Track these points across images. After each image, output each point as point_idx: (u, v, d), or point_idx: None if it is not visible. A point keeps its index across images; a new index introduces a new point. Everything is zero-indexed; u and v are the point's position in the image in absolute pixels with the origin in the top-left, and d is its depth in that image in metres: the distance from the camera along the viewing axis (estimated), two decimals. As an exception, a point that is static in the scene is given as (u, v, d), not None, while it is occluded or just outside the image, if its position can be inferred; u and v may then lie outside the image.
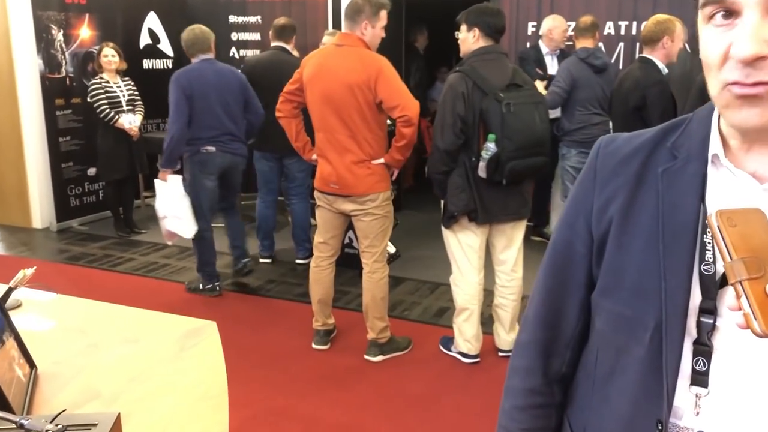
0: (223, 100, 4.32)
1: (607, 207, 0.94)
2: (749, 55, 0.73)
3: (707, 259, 0.84)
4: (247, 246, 4.88)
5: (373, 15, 3.38)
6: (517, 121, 3.18)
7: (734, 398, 0.85)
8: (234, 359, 3.56)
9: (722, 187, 0.86)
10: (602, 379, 0.97)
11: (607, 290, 0.94)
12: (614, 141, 0.98)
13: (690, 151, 0.89)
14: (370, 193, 3.45)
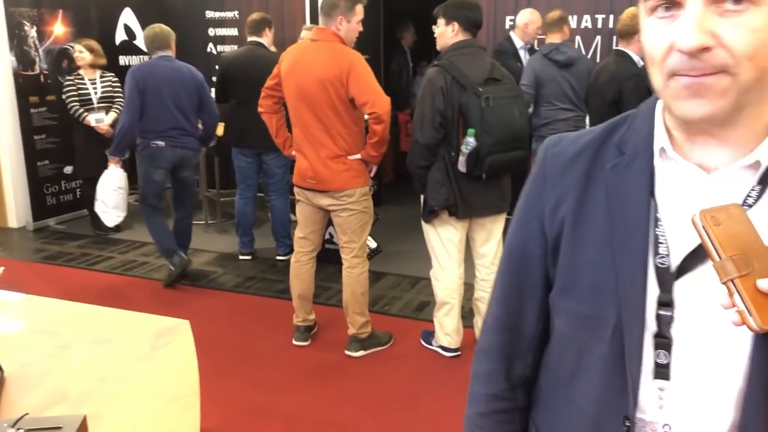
0: (176, 96, 4.47)
1: (558, 207, 0.94)
2: (694, 46, 0.74)
3: (661, 252, 0.85)
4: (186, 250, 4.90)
5: (348, 10, 3.36)
6: (496, 116, 3.18)
7: (696, 388, 0.85)
8: (213, 357, 3.55)
9: (670, 179, 0.87)
10: (566, 379, 0.97)
11: (564, 290, 0.94)
12: (561, 141, 0.98)
13: (636, 146, 0.89)
14: (347, 188, 3.44)
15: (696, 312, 0.85)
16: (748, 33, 0.74)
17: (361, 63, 3.33)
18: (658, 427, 0.88)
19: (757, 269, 0.78)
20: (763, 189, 0.82)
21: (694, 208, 0.81)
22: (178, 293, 4.61)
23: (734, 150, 0.82)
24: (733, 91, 0.76)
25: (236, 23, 6.87)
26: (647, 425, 0.89)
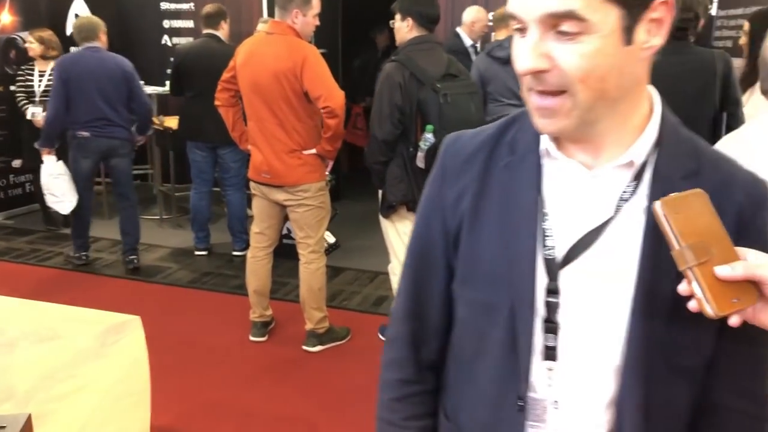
0: (101, 87, 4.51)
1: (458, 202, 1.00)
2: (526, 68, 0.83)
3: (548, 245, 0.93)
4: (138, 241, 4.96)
5: (305, 3, 3.33)
6: (454, 112, 3.20)
7: (580, 367, 0.93)
8: (168, 354, 3.50)
9: (556, 177, 0.94)
10: (468, 362, 1.03)
11: (464, 280, 1.01)
12: (459, 139, 1.04)
13: (526, 145, 0.96)
14: (302, 183, 3.42)
15: (579, 298, 0.92)
16: (579, 57, 0.81)
17: (315, 56, 3.31)
18: (548, 404, 0.95)
19: (716, 256, 0.80)
20: (637, 185, 0.91)
21: (577, 203, 0.92)
22: (132, 289, 4.53)
23: (611, 151, 0.91)
24: (576, 110, 0.85)
25: (192, 15, 6.77)
26: (538, 403, 0.96)
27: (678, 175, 0.90)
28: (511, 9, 0.86)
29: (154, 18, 6.93)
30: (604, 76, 0.83)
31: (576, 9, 0.79)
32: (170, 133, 5.43)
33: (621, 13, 0.81)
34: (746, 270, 0.80)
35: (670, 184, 0.89)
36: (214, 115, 3.76)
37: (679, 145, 0.93)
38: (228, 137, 3.78)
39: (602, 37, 0.81)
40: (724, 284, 0.80)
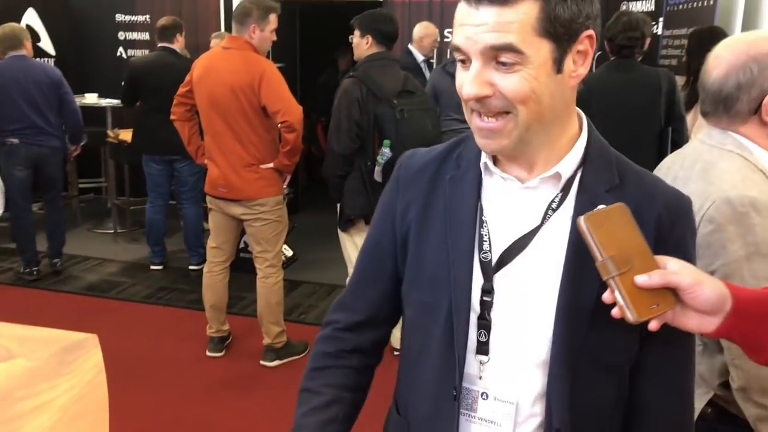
0: (29, 95, 4.51)
1: (407, 210, 1.10)
2: (470, 95, 0.93)
3: (485, 249, 1.02)
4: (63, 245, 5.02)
5: (261, 18, 3.36)
6: (411, 127, 3.26)
7: (509, 361, 1.02)
8: (124, 371, 3.45)
9: (493, 189, 1.04)
10: (414, 360, 1.11)
11: (411, 282, 1.10)
12: (414, 155, 1.15)
13: (469, 160, 1.07)
14: (260, 197, 3.43)
15: (511, 298, 1.01)
16: (516, 83, 0.91)
17: (273, 71, 3.33)
18: (478, 395, 1.04)
19: (636, 266, 0.87)
20: (564, 196, 1.00)
21: (511, 212, 1.02)
22: (86, 306, 4.45)
23: (541, 167, 1.01)
24: (515, 131, 0.95)
25: (147, 27, 6.70)
26: (470, 393, 1.04)
27: (602, 188, 1.00)
28: (456, 42, 0.94)
29: (109, 29, 6.85)
30: (539, 100, 0.93)
31: (513, 42, 0.89)
32: (125, 146, 5.37)
33: (551, 46, 0.91)
34: (662, 278, 0.88)
35: (595, 195, 0.99)
36: (170, 128, 3.74)
37: (603, 162, 1.02)
38: (184, 150, 3.77)
39: (536, 67, 0.91)
40: (643, 292, 0.87)
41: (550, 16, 0.90)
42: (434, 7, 6.11)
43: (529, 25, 0.89)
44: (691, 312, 0.91)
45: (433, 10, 6.10)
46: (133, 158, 5.24)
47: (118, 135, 5.55)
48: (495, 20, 0.89)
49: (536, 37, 0.90)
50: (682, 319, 0.92)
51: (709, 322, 0.91)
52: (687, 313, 0.91)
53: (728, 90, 1.40)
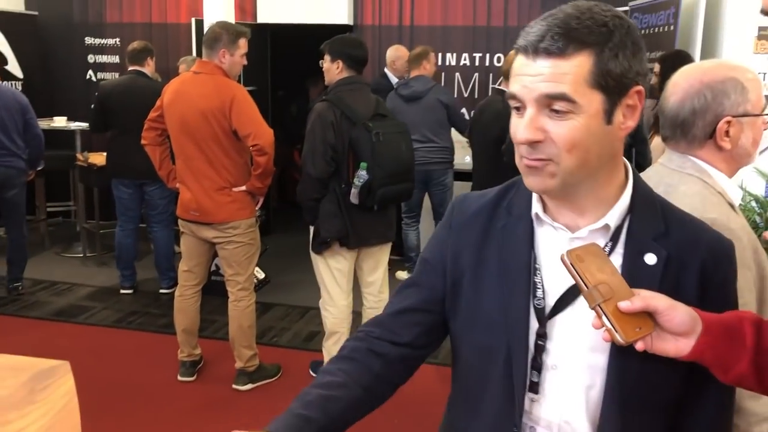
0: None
1: (459, 255, 1.16)
2: (523, 139, 1.00)
3: (538, 296, 1.08)
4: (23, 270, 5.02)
5: (231, 43, 3.39)
6: (387, 150, 3.30)
7: (560, 401, 1.08)
8: (94, 397, 3.41)
9: (545, 237, 1.10)
10: (471, 396, 1.16)
11: (467, 325, 1.15)
12: (466, 199, 1.22)
13: (520, 210, 1.12)
14: (232, 220, 3.43)
15: (564, 342, 1.07)
16: (567, 131, 0.98)
17: (243, 95, 3.36)
18: (526, 428, 1.10)
19: (617, 294, 0.96)
20: (614, 245, 1.06)
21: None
22: (55, 331, 4.38)
23: (590, 215, 1.07)
24: (560, 174, 1.00)
25: (117, 51, 6.70)
26: (524, 427, 1.10)
27: (649, 236, 1.06)
28: (513, 90, 1.01)
29: (78, 52, 6.83)
30: (587, 148, 0.99)
31: (567, 92, 0.96)
32: (94, 170, 5.33)
33: (602, 98, 0.98)
34: (643, 301, 0.96)
35: (642, 244, 1.05)
36: (141, 151, 3.73)
37: (649, 210, 1.08)
38: (155, 174, 3.76)
39: (587, 116, 0.98)
40: (626, 317, 0.95)
41: (603, 70, 0.96)
42: (404, 30, 6.20)
43: (582, 77, 0.96)
44: (667, 336, 0.98)
45: (403, 33, 6.20)
46: (102, 181, 5.21)
47: (88, 158, 5.51)
48: (551, 71, 0.96)
49: (588, 88, 0.97)
50: (660, 344, 0.98)
51: (684, 344, 0.98)
52: (664, 337, 0.98)
53: (684, 115, 1.47)
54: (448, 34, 6.03)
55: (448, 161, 5.17)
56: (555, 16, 0.98)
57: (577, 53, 0.96)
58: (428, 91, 5.02)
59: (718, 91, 1.44)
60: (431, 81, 5.11)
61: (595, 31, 0.96)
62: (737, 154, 1.48)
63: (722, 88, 1.44)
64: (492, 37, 6.03)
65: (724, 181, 1.47)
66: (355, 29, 6.24)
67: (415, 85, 5.02)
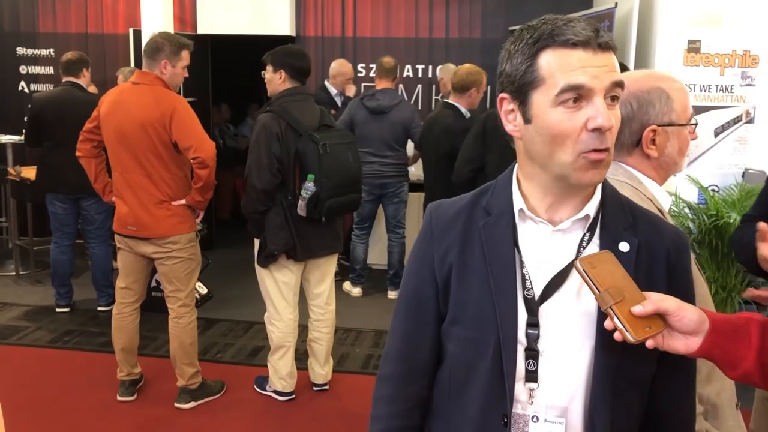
0: None
1: (445, 257, 1.20)
2: (609, 125, 1.04)
3: (527, 287, 1.13)
4: None
5: (174, 54, 3.32)
6: (334, 161, 3.28)
7: (556, 387, 1.13)
8: (27, 422, 3.27)
9: (528, 232, 1.16)
10: (456, 391, 1.20)
11: (455, 321, 1.19)
12: (441, 206, 1.26)
13: (500, 208, 1.18)
14: (171, 235, 3.35)
15: (554, 328, 1.12)
16: (617, 120, 1.07)
17: (184, 107, 3.29)
18: (528, 419, 1.14)
19: (628, 297, 1.03)
20: (590, 236, 1.14)
21: (546, 251, 1.14)
22: (-16, 353, 4.19)
23: (572, 207, 1.14)
24: (608, 162, 1.08)
25: (51, 61, 6.52)
26: (521, 418, 1.14)
27: (620, 227, 1.15)
28: (581, 81, 1.04)
29: (10, 63, 6.60)
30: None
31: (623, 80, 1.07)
32: (28, 184, 5.14)
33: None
34: (654, 305, 1.03)
35: (616, 234, 1.14)
36: (76, 165, 3.62)
37: (617, 203, 1.18)
38: (91, 188, 3.65)
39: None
40: (637, 317, 1.03)
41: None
42: (347, 42, 6.21)
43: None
44: (677, 334, 1.06)
45: (345, 45, 6.20)
46: (36, 196, 5.03)
47: (20, 172, 5.32)
48: (612, 62, 1.06)
49: None
50: (670, 343, 1.06)
51: (693, 342, 1.06)
52: (674, 335, 1.06)
53: None
54: (390, 46, 6.06)
55: (402, 174, 5.19)
56: (581, 19, 1.08)
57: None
58: (393, 107, 5.01)
59: (643, 101, 1.48)
60: (398, 96, 5.14)
61: None
62: (664, 162, 1.53)
63: (647, 98, 1.49)
64: (434, 49, 6.09)
65: (654, 188, 1.52)
66: (297, 40, 6.22)
67: (381, 99, 5.01)
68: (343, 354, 4.26)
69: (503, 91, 1.14)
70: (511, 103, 1.12)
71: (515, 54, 1.10)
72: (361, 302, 5.32)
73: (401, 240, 5.31)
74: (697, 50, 4.45)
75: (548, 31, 1.06)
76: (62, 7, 6.50)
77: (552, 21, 1.07)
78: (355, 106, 5.08)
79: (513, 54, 1.10)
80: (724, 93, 4.48)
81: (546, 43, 1.06)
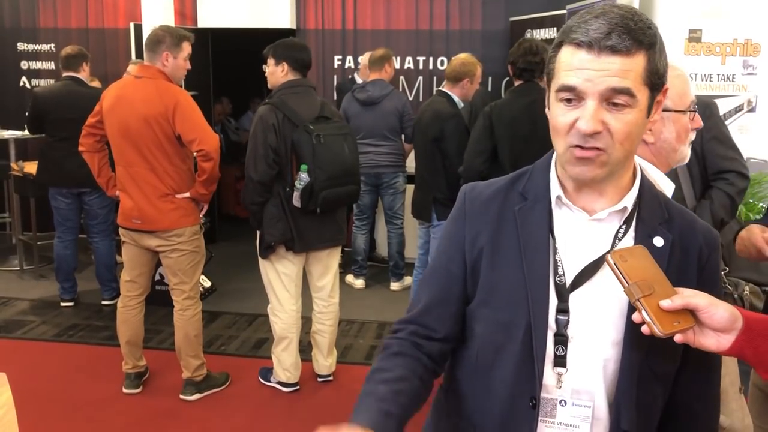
0: None
1: (476, 239, 1.21)
2: (591, 129, 1.05)
3: (559, 273, 1.15)
4: None
5: (175, 46, 3.32)
6: (328, 152, 3.29)
7: (584, 372, 1.15)
8: (35, 413, 3.29)
9: (564, 219, 1.17)
10: (483, 371, 1.21)
11: (484, 302, 1.20)
12: (476, 188, 1.27)
13: (536, 194, 1.20)
14: (176, 228, 3.36)
15: (584, 316, 1.14)
16: (624, 124, 1.05)
17: (187, 100, 3.30)
18: (556, 403, 1.16)
19: (657, 291, 1.03)
20: (627, 228, 1.16)
21: (580, 240, 1.15)
22: (-10, 348, 4.22)
23: (609, 198, 1.15)
24: (610, 164, 1.08)
25: (52, 56, 6.52)
26: (548, 402, 1.16)
27: (656, 222, 1.16)
28: (572, 83, 1.06)
29: (11, 58, 6.60)
30: (634, 140, 1.09)
31: (631, 87, 1.04)
32: (30, 179, 5.16)
33: (649, 94, 1.08)
34: (683, 300, 1.03)
35: (651, 228, 1.16)
36: (78, 159, 3.63)
37: (654, 198, 1.19)
38: (94, 182, 3.66)
39: (638, 111, 1.07)
40: (666, 312, 1.02)
41: (653, 68, 1.06)
42: (347, 34, 6.20)
43: (639, 74, 1.05)
44: (708, 332, 1.05)
45: (346, 37, 6.20)
46: (39, 192, 5.04)
47: (23, 168, 5.32)
48: (618, 67, 1.03)
49: (642, 84, 1.06)
50: (701, 340, 1.06)
51: (725, 340, 1.05)
52: (705, 333, 1.05)
53: None
54: (391, 38, 6.05)
55: (398, 165, 5.19)
56: (611, 15, 1.05)
57: (638, 52, 1.04)
58: (384, 97, 5.02)
59: None
60: (389, 86, 5.12)
61: (647, 33, 1.05)
62: (662, 148, 1.54)
63: None
64: (435, 41, 6.08)
65: (657, 174, 1.53)
66: (297, 33, 6.21)
67: (371, 90, 5.02)
68: (347, 345, 4.28)
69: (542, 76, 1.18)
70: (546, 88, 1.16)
71: (552, 46, 1.13)
72: (364, 294, 5.34)
73: (399, 231, 5.31)
74: (698, 39, 4.45)
75: (570, 26, 1.08)
76: (62, 2, 6.50)
77: (579, 15, 1.09)
78: (347, 99, 5.11)
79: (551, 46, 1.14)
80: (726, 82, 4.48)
81: (563, 38, 1.09)
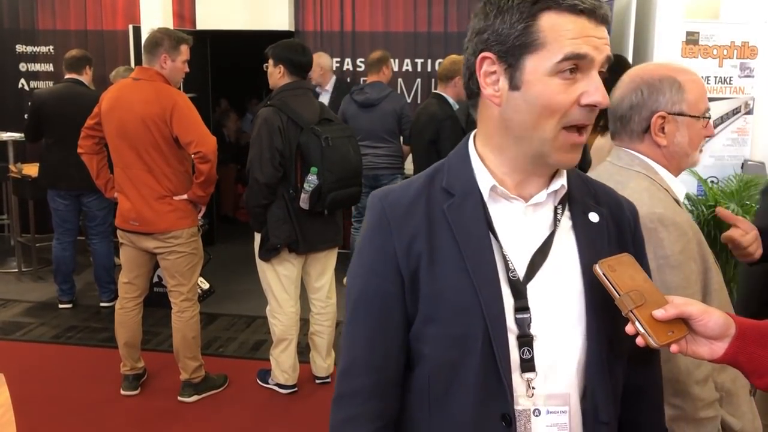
0: None
1: (410, 247, 1.05)
2: (606, 101, 0.98)
3: (511, 268, 1.04)
4: None
5: (173, 48, 3.33)
6: (336, 154, 3.30)
7: (555, 373, 1.04)
8: (33, 415, 3.30)
9: (500, 211, 1.07)
10: (439, 396, 1.06)
11: (429, 318, 1.05)
12: (390, 193, 1.11)
13: (463, 188, 1.07)
14: (174, 229, 3.37)
15: (544, 309, 1.04)
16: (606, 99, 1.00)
17: (185, 102, 3.30)
18: (530, 414, 1.04)
19: (649, 301, 0.99)
20: (564, 207, 1.09)
21: (520, 229, 1.05)
22: (-12, 349, 4.22)
23: (542, 182, 1.07)
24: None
25: (51, 59, 6.52)
26: (521, 414, 1.03)
27: (586, 199, 1.11)
28: (584, 50, 0.96)
29: (9, 60, 6.60)
30: None
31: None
32: (29, 181, 5.16)
33: None
34: (676, 309, 0.99)
35: (584, 205, 1.10)
36: (77, 161, 3.64)
37: (578, 176, 1.14)
38: (93, 184, 3.67)
39: None
40: (659, 321, 0.99)
41: None
42: (345, 36, 6.21)
43: None
44: (701, 339, 1.02)
45: (344, 39, 6.21)
46: (37, 193, 5.04)
47: (22, 170, 5.32)
48: (606, 36, 0.99)
49: None
50: (694, 348, 1.02)
51: (718, 347, 1.02)
52: (698, 340, 1.02)
53: (623, 110, 1.55)
54: (389, 40, 6.06)
55: (396, 167, 5.19)
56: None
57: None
58: (382, 99, 5.02)
59: (654, 88, 1.51)
60: (387, 88, 5.12)
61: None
62: (675, 152, 1.53)
63: (658, 86, 1.51)
64: (433, 43, 6.09)
65: (669, 178, 1.53)
66: (296, 35, 6.22)
67: (369, 92, 5.02)
68: (345, 347, 4.28)
69: (486, 51, 1.00)
70: (495, 65, 1.00)
71: (508, 10, 0.98)
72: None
73: None
74: (695, 42, 4.45)
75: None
76: (61, 4, 6.50)
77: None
78: (345, 101, 5.10)
79: (505, 9, 0.98)
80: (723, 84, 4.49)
81: (548, 4, 0.96)
